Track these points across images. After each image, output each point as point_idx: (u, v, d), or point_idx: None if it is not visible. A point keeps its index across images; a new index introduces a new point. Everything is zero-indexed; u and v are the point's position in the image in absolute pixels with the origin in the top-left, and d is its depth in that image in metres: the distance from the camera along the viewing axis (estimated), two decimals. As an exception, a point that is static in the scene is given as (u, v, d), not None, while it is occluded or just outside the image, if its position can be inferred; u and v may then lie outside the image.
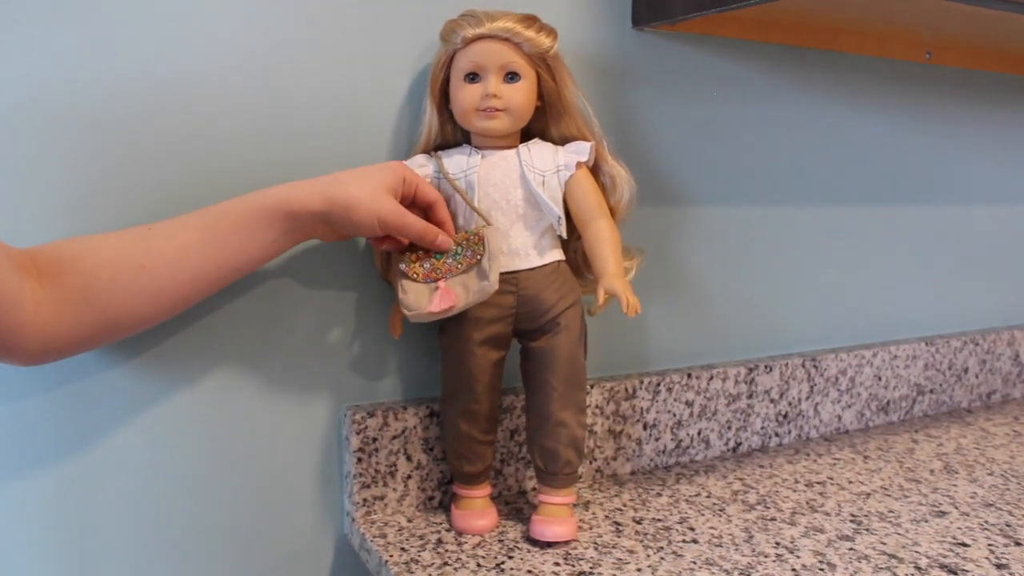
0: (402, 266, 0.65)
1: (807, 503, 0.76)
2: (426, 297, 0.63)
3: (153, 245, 0.54)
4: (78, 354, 0.55)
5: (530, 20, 0.65)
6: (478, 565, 0.62)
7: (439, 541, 0.67)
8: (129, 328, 0.55)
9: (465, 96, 0.65)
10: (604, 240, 0.66)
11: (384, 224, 0.60)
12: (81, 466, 0.62)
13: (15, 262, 0.50)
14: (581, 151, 0.67)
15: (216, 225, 0.56)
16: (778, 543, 0.67)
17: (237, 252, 0.57)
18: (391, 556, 0.64)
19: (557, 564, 0.63)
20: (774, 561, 0.64)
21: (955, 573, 0.63)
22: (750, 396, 0.90)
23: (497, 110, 0.64)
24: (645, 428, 0.83)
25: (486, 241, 0.63)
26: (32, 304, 0.50)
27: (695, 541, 0.67)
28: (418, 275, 0.64)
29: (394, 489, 0.72)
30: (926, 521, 0.72)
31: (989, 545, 0.68)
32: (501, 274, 0.65)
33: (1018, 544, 0.68)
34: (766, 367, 0.90)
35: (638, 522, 0.71)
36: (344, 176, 0.61)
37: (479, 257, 0.63)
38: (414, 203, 0.64)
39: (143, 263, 0.53)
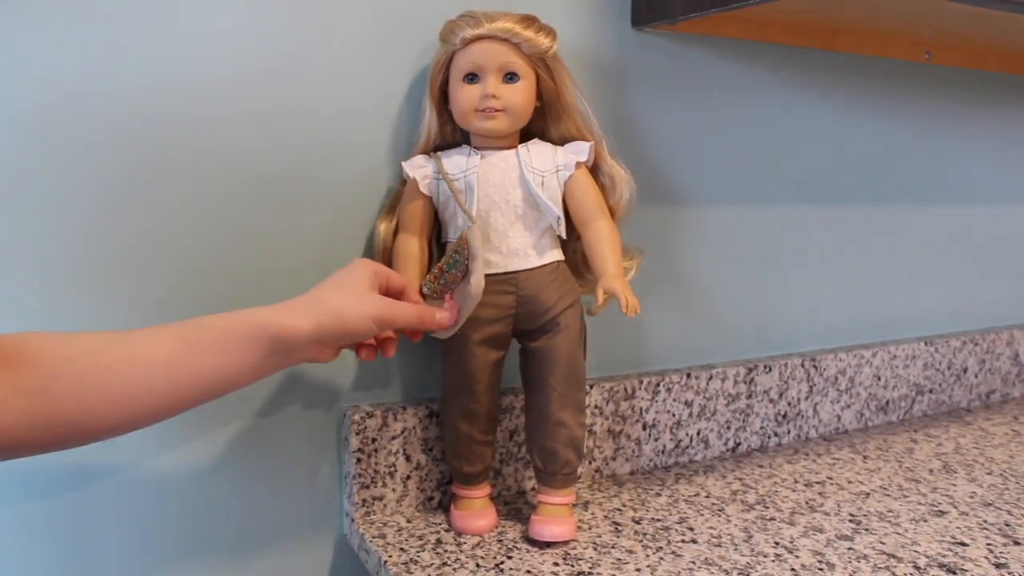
0: (425, 290, 0.65)
1: (806, 503, 0.76)
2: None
3: (125, 348, 0.51)
4: (30, 455, 0.49)
5: (529, 20, 0.65)
6: (477, 565, 0.63)
7: (438, 541, 0.67)
8: (90, 433, 0.50)
9: (464, 96, 0.65)
10: (603, 240, 0.66)
11: (379, 320, 0.58)
12: (80, 466, 0.62)
13: None
14: (580, 151, 0.67)
15: (194, 337, 0.53)
16: (777, 543, 0.67)
17: (213, 369, 0.53)
18: (390, 556, 0.64)
19: (556, 564, 0.63)
20: (773, 561, 0.64)
21: (954, 572, 0.63)
22: (749, 396, 0.90)
23: (496, 110, 0.64)
24: (644, 428, 0.83)
25: (468, 244, 0.63)
26: None
27: (694, 541, 0.68)
28: (438, 294, 0.64)
29: (393, 489, 0.72)
30: (925, 521, 0.72)
31: (988, 544, 0.68)
32: (501, 274, 0.65)
33: (1017, 543, 0.68)
34: (765, 367, 0.90)
35: (637, 522, 0.71)
36: (322, 292, 0.58)
37: (467, 261, 0.63)
38: (388, 292, 0.62)
39: (111, 365, 0.50)
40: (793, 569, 0.63)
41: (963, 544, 0.68)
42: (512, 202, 0.66)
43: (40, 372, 0.47)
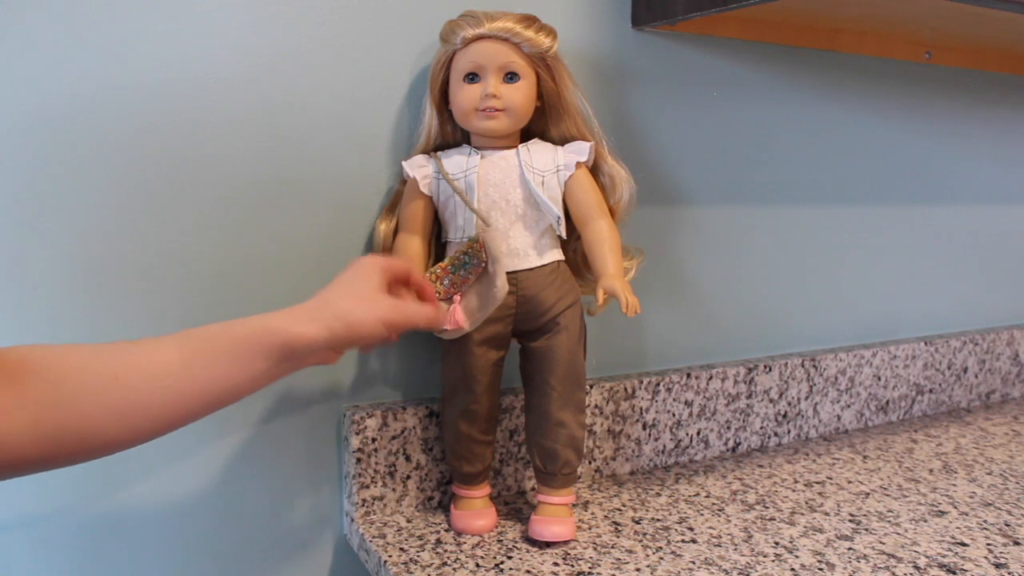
0: None
1: (806, 503, 0.76)
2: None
3: (132, 358, 0.50)
4: (36, 471, 0.47)
5: (529, 20, 0.65)
6: (477, 565, 0.63)
7: (438, 541, 0.67)
8: (96, 447, 0.49)
9: (465, 96, 0.65)
10: (603, 240, 0.66)
11: (389, 324, 0.57)
12: (82, 472, 0.62)
13: None
14: (581, 151, 0.67)
15: (202, 346, 0.52)
16: (777, 543, 0.67)
17: (222, 378, 0.52)
18: (390, 556, 0.64)
19: (556, 564, 0.63)
20: (773, 561, 0.64)
21: (954, 572, 0.63)
22: (749, 396, 0.90)
23: (496, 110, 0.64)
24: (644, 428, 0.83)
25: (486, 246, 0.63)
26: None
27: (694, 541, 0.68)
28: (440, 294, 0.64)
29: (393, 489, 0.72)
30: (925, 521, 0.72)
31: (988, 544, 0.68)
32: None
33: (1016, 543, 0.68)
34: (765, 367, 0.90)
35: (637, 522, 0.71)
36: (331, 296, 0.57)
37: (484, 264, 0.63)
38: (395, 282, 0.61)
39: (117, 374, 0.48)
40: (793, 569, 0.63)
41: (963, 544, 0.68)
42: (512, 202, 0.66)
43: (45, 383, 0.46)
